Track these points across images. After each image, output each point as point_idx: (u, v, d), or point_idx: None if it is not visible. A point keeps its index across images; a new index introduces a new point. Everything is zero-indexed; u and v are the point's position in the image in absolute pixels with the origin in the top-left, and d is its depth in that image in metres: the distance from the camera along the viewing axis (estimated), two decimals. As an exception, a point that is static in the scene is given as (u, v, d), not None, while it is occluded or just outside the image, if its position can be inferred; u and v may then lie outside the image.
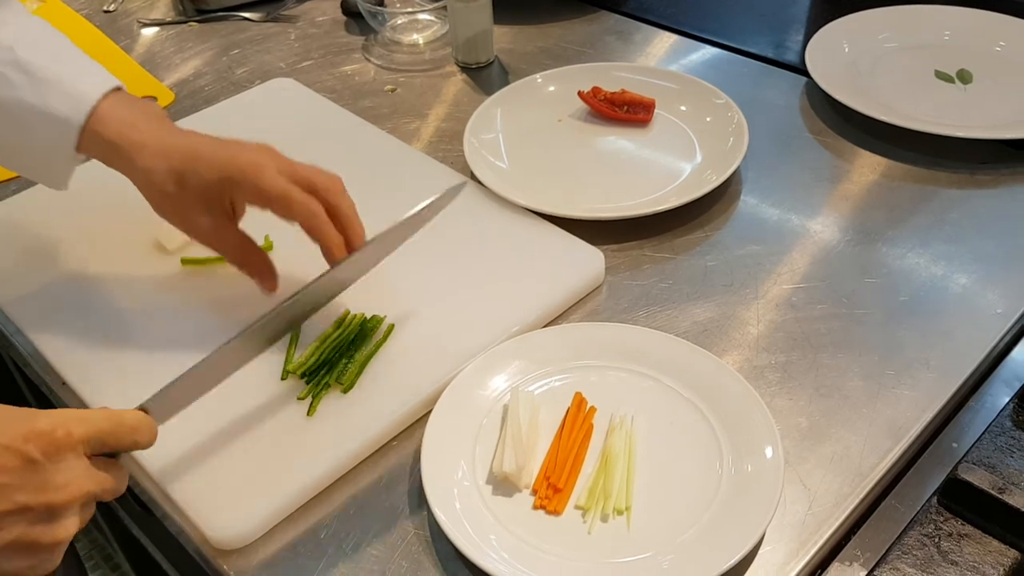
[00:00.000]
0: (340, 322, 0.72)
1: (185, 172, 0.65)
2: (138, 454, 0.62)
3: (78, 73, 0.67)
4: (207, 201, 0.66)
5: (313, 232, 0.66)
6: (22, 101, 0.65)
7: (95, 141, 0.67)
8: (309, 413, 0.65)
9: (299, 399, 0.67)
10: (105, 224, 0.85)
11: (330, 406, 0.67)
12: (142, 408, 0.54)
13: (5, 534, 0.45)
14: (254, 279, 0.71)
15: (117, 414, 0.51)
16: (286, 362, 0.69)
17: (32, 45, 0.66)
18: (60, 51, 0.68)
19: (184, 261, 0.80)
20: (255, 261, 0.71)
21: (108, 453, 0.50)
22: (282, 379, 0.68)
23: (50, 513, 0.46)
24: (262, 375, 0.69)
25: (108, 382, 0.70)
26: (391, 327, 0.72)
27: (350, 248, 0.68)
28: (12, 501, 0.45)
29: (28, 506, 0.45)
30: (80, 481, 0.47)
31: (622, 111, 0.94)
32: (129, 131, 0.66)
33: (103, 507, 1.13)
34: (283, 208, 0.65)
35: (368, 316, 0.72)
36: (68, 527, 0.47)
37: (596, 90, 0.95)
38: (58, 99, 0.65)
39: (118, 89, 0.68)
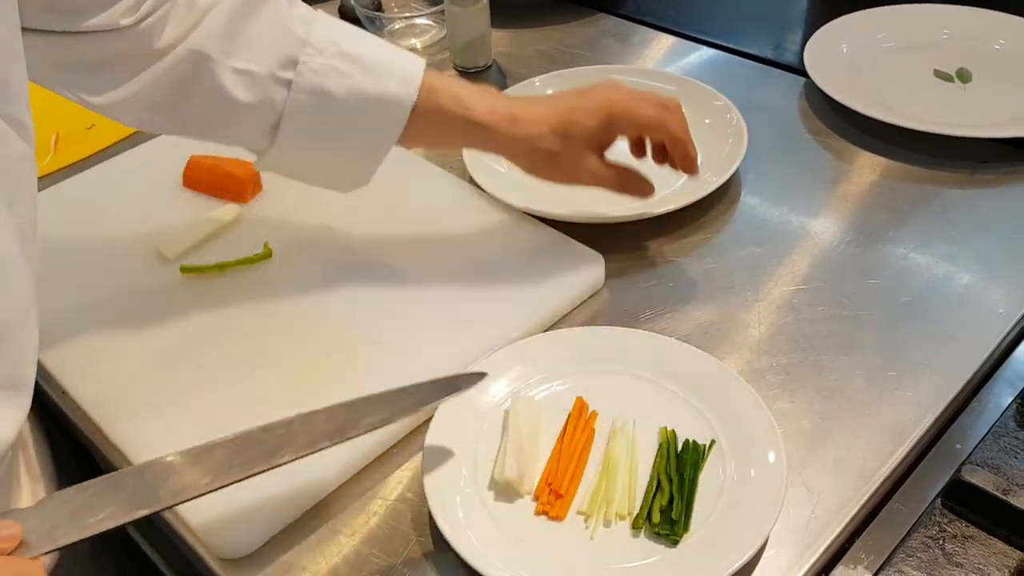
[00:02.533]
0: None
1: (568, 126, 0.71)
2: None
3: (394, 56, 0.69)
4: (589, 146, 0.72)
5: (678, 145, 0.73)
6: (357, 89, 0.66)
7: (432, 118, 0.69)
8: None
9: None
10: (105, 233, 0.85)
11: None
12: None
13: None
14: (635, 196, 0.77)
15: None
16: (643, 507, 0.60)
17: (349, 36, 0.68)
18: (369, 38, 0.70)
19: (184, 269, 0.79)
20: (634, 180, 0.76)
21: None
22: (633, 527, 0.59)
23: None
24: (265, 384, 0.69)
25: (108, 390, 0.70)
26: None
27: (686, 166, 0.75)
28: None
29: None
30: None
31: None
32: (489, 107, 0.70)
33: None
34: (659, 130, 0.73)
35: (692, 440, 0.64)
36: None
37: None
38: (391, 81, 0.67)
39: (427, 67, 0.70)
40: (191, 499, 0.51)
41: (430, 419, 0.64)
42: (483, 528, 0.58)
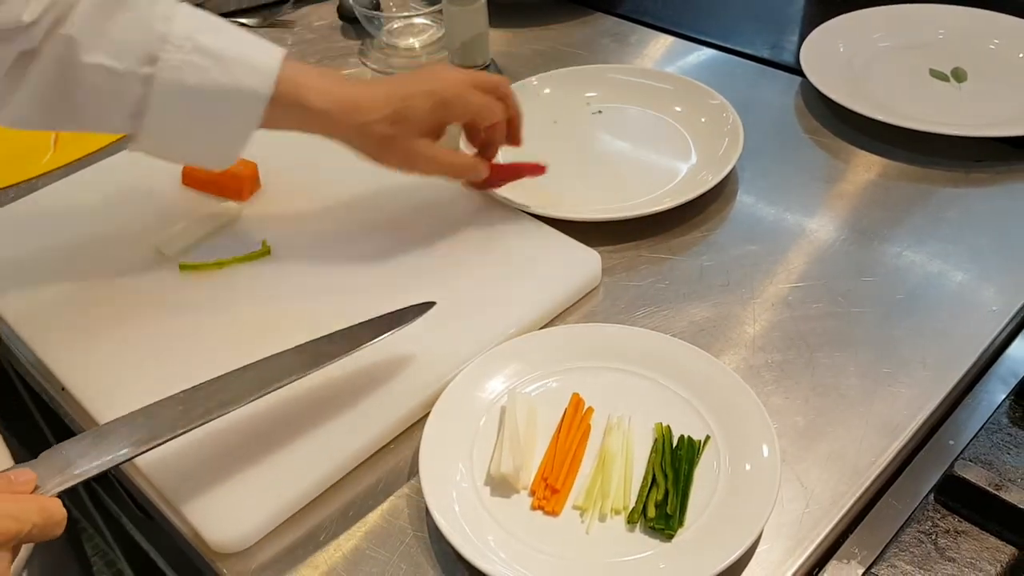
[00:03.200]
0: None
1: (402, 111, 0.73)
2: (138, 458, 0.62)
3: (253, 48, 0.71)
4: (422, 131, 0.75)
5: (494, 132, 0.80)
6: (214, 83, 0.68)
7: (287, 110, 0.71)
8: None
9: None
10: (104, 231, 0.85)
11: (327, 410, 0.67)
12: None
13: None
14: (469, 180, 0.82)
15: (48, 511, 0.49)
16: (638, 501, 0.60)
17: (207, 31, 0.69)
18: (229, 31, 0.71)
19: (183, 267, 0.80)
20: (467, 166, 0.81)
21: None
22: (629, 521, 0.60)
23: None
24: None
25: (108, 388, 0.70)
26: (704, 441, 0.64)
27: (517, 141, 0.83)
28: None
29: None
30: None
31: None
32: (331, 97, 0.72)
33: (104, 510, 1.13)
34: (485, 117, 0.78)
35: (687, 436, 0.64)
36: None
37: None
38: (246, 75, 0.69)
39: (286, 56, 0.72)
40: (193, 428, 0.58)
41: (427, 415, 0.65)
42: (479, 523, 0.59)
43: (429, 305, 0.69)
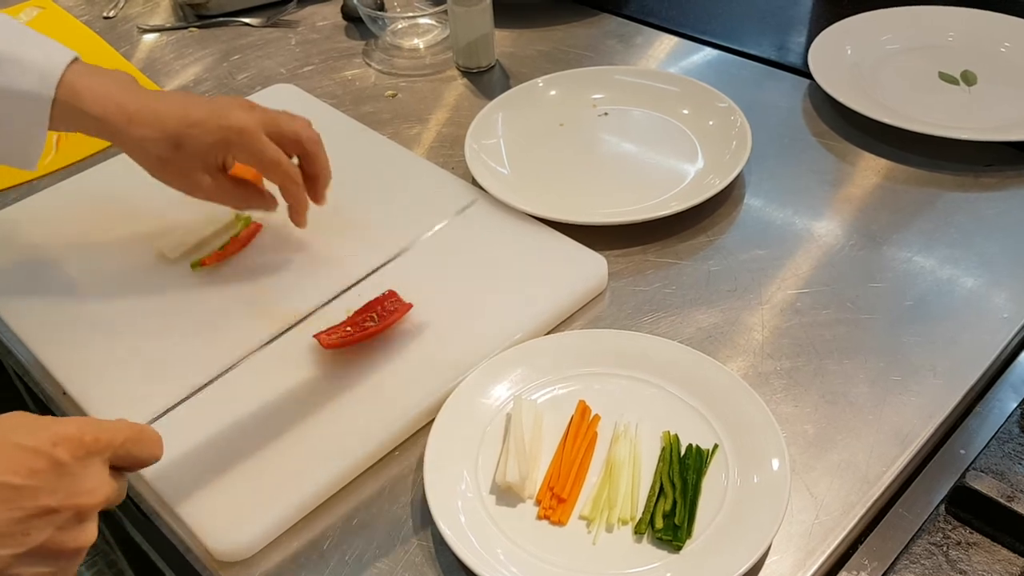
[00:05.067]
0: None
1: (181, 137, 0.68)
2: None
3: (36, 49, 0.68)
4: (204, 162, 0.70)
5: (289, 197, 0.74)
6: None
7: (72, 115, 0.68)
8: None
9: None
10: (105, 233, 0.85)
11: (330, 417, 0.66)
12: None
13: (32, 538, 0.44)
14: (258, 211, 0.77)
15: (138, 426, 0.50)
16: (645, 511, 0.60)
17: None
18: (12, 32, 0.69)
19: (194, 265, 0.80)
20: (255, 199, 0.76)
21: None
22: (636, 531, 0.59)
23: (78, 517, 0.46)
24: (264, 385, 0.69)
25: (108, 391, 0.70)
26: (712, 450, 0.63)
27: (316, 199, 0.76)
28: (41, 505, 0.44)
29: (56, 510, 0.44)
30: (104, 487, 0.47)
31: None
32: (110, 103, 0.68)
33: (105, 512, 1.12)
34: (272, 173, 0.72)
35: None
36: (91, 532, 0.47)
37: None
38: (25, 78, 0.66)
39: (76, 60, 0.69)
40: None
41: (431, 422, 0.64)
42: (484, 532, 0.58)
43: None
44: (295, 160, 0.74)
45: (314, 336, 0.71)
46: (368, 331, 0.70)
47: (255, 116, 0.71)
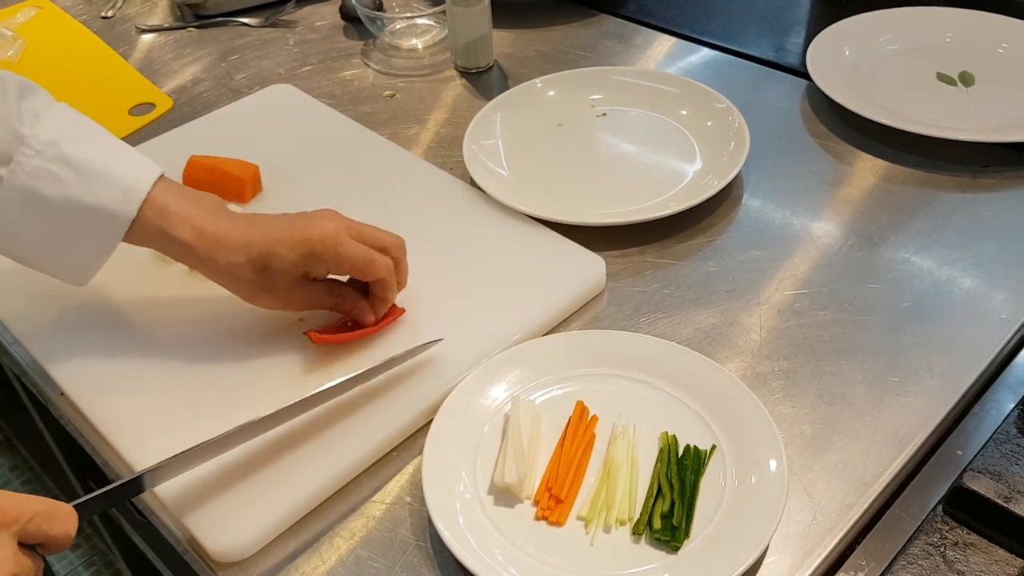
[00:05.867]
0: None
1: (266, 258, 0.66)
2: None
3: (124, 164, 0.66)
4: (293, 278, 0.68)
5: (381, 291, 0.70)
6: (71, 198, 0.64)
7: (152, 235, 0.67)
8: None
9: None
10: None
11: (328, 418, 0.66)
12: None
13: None
14: (357, 319, 0.72)
15: (52, 502, 0.49)
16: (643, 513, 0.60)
17: (75, 139, 0.65)
18: (100, 142, 0.67)
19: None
20: (351, 306, 0.71)
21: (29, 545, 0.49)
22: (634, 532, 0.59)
23: None
24: (263, 386, 0.69)
25: (106, 392, 0.70)
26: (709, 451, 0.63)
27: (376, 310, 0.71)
28: None
29: None
30: (8, 563, 0.45)
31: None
32: (195, 228, 0.66)
33: (103, 512, 1.12)
34: (364, 272, 0.68)
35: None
36: None
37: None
38: (109, 194, 0.65)
39: (162, 177, 0.68)
40: None
41: (429, 423, 0.64)
42: (482, 533, 0.58)
43: (435, 342, 0.69)
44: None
45: (305, 333, 0.71)
46: (357, 332, 0.70)
47: (337, 223, 0.68)
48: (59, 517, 0.49)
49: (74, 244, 0.67)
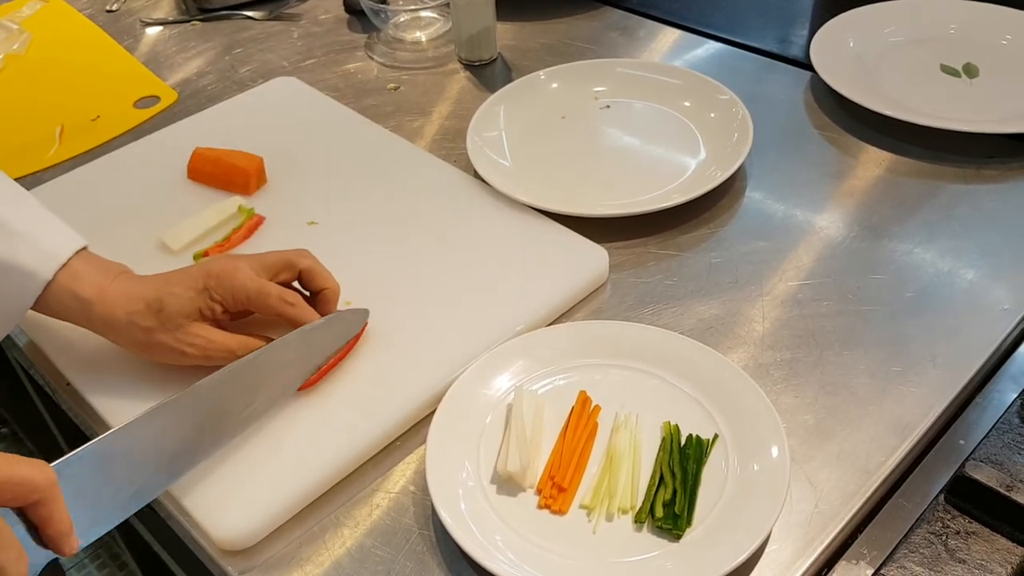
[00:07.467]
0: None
1: (161, 299, 0.66)
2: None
3: (47, 230, 0.67)
4: (190, 317, 0.66)
5: (291, 320, 0.67)
6: None
7: (63, 297, 0.66)
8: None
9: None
10: (108, 224, 0.85)
11: (333, 408, 0.66)
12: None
13: None
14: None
15: (10, 463, 0.47)
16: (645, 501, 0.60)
17: (6, 201, 0.66)
18: (25, 205, 0.68)
19: (197, 256, 0.80)
20: (256, 340, 0.69)
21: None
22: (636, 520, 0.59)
23: None
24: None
25: (112, 383, 0.70)
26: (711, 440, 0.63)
27: (326, 311, 0.70)
28: None
29: None
30: None
31: None
32: (100, 288, 0.66)
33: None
34: (262, 303, 0.67)
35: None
36: None
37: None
38: (28, 253, 0.65)
39: (84, 248, 0.68)
40: None
41: (433, 412, 0.65)
42: (485, 521, 0.59)
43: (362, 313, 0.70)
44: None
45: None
46: (330, 364, 0.68)
47: (235, 259, 0.68)
48: (10, 484, 0.47)
49: None
